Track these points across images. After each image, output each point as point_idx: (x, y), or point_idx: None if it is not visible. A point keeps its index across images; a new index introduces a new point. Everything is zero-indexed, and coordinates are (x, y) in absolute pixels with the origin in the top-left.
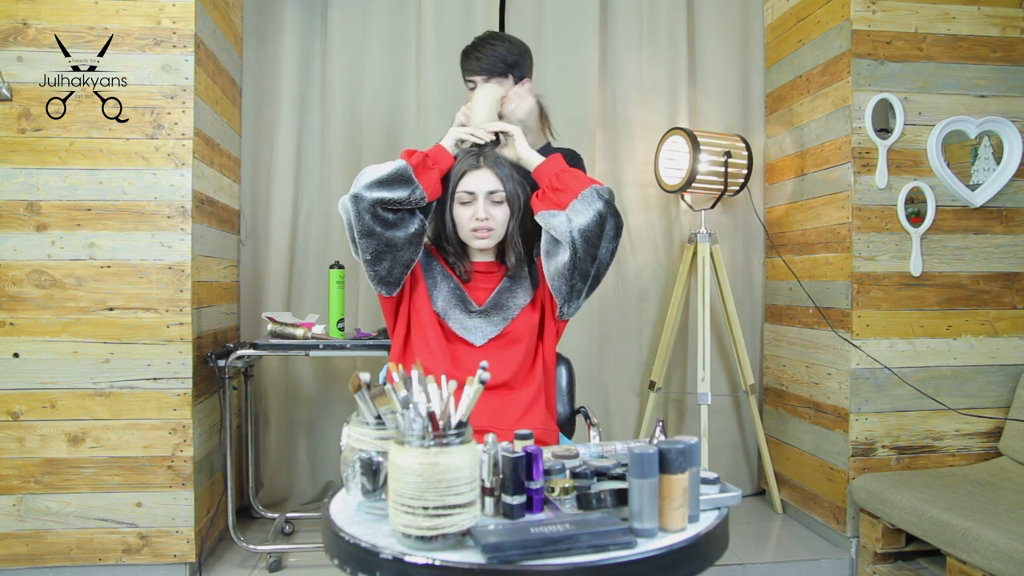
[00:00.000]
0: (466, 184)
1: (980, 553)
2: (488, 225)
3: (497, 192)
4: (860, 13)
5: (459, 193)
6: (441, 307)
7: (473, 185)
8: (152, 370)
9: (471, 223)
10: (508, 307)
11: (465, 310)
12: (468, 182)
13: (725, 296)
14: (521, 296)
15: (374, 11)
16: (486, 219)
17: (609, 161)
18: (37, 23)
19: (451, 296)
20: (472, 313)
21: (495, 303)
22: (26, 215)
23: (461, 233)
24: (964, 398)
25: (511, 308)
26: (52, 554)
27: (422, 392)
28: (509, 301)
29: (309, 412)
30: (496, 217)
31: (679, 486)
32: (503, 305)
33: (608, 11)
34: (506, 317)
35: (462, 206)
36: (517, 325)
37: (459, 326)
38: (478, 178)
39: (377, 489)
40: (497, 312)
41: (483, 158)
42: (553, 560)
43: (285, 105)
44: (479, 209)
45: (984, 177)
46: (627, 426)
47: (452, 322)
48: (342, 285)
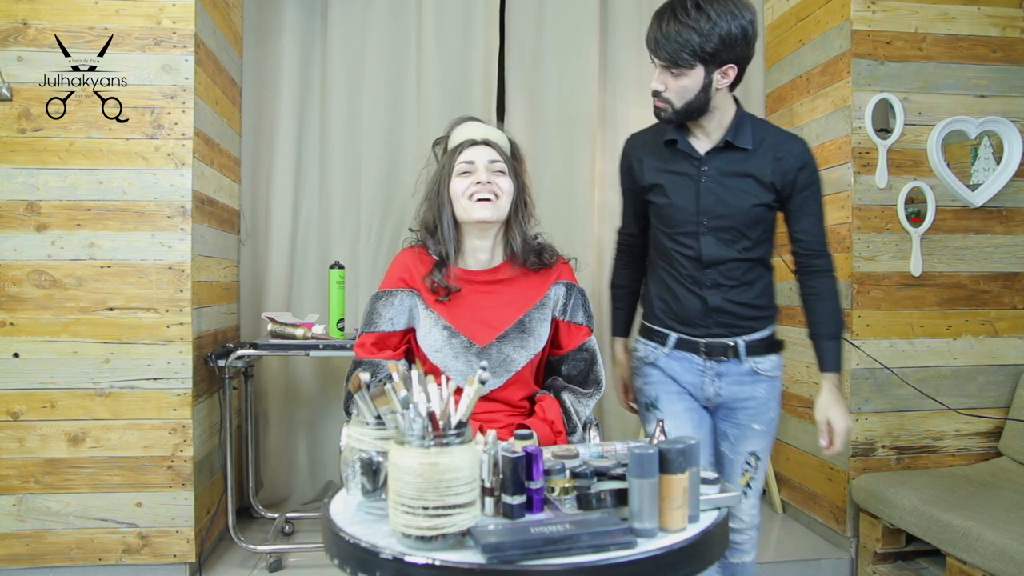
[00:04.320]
0: (466, 156)
1: (980, 553)
2: (491, 189)
3: (498, 162)
4: (860, 13)
5: (458, 164)
6: (439, 359)
7: (473, 155)
8: (152, 370)
9: (471, 188)
10: (513, 360)
11: (465, 359)
12: (468, 154)
13: None
14: (530, 344)
15: (374, 11)
16: (488, 182)
17: (609, 161)
18: (37, 23)
19: (445, 345)
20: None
21: (498, 352)
22: (26, 215)
23: (459, 207)
24: (964, 398)
25: (516, 361)
26: (52, 554)
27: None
28: (515, 353)
29: (309, 412)
30: (500, 184)
31: (679, 486)
32: (508, 359)
33: (608, 11)
34: (509, 370)
35: (460, 177)
36: (522, 375)
37: (461, 378)
38: (478, 151)
39: (377, 489)
40: (501, 366)
41: (483, 140)
42: (553, 560)
43: (285, 105)
44: (480, 173)
45: (984, 177)
46: (627, 426)
47: (453, 374)
48: (342, 285)
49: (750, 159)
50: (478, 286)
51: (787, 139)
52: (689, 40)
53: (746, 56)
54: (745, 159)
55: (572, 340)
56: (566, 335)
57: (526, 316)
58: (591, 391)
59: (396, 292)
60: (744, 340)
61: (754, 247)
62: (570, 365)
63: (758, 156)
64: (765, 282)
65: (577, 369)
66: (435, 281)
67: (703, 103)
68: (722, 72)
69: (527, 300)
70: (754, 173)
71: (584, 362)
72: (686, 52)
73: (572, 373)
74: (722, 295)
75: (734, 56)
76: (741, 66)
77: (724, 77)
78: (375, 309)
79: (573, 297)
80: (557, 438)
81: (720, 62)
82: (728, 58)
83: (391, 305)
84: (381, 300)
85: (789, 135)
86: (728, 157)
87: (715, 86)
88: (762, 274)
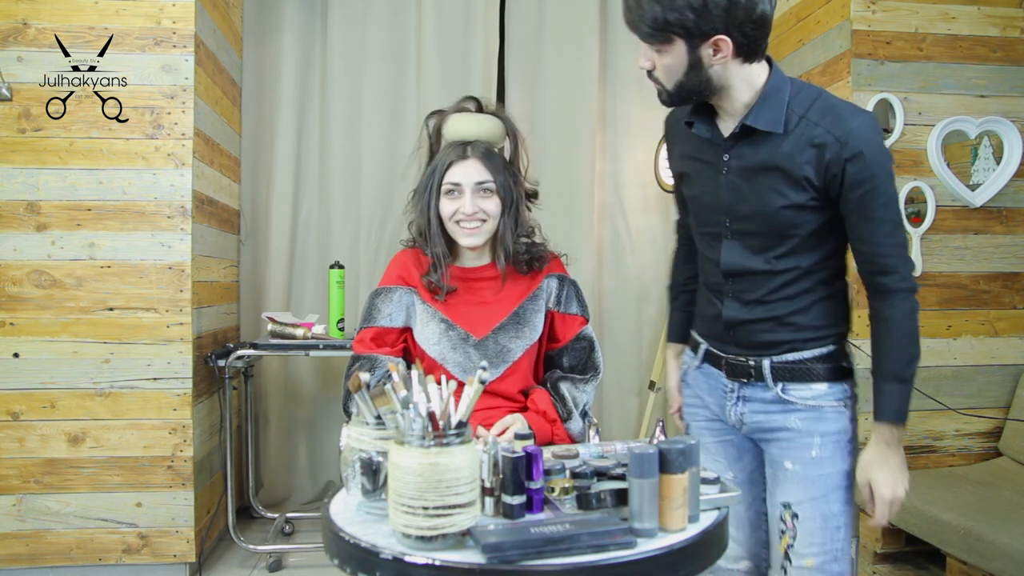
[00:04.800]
0: (452, 175)
1: (980, 553)
2: (477, 218)
3: (487, 183)
4: (860, 13)
5: (444, 184)
6: (437, 352)
7: (459, 176)
8: (152, 370)
9: (457, 215)
10: (509, 350)
11: (463, 350)
12: (454, 173)
13: None
14: (526, 334)
15: (374, 11)
16: (474, 212)
17: (609, 161)
18: (37, 23)
19: (442, 337)
20: (469, 351)
21: (495, 343)
22: (26, 215)
23: (448, 228)
24: (964, 398)
25: (513, 351)
26: (52, 554)
27: (422, 392)
28: (512, 344)
29: (309, 412)
30: (486, 210)
31: (679, 486)
32: (505, 349)
33: (608, 11)
34: (507, 360)
35: (447, 197)
36: (519, 367)
37: (459, 370)
38: (465, 169)
39: (377, 489)
40: (498, 356)
41: (471, 147)
42: (553, 560)
43: (285, 105)
44: (466, 203)
45: (984, 177)
46: (627, 426)
47: (451, 366)
48: (342, 285)
49: (780, 146)
50: (472, 282)
51: (835, 118)
52: (651, 10)
53: (740, 23)
54: (773, 146)
55: (568, 330)
56: (561, 326)
57: (520, 308)
58: (589, 376)
59: (395, 289)
60: (770, 361)
61: (791, 256)
62: (571, 356)
63: (791, 141)
64: (816, 297)
65: (578, 358)
66: (432, 281)
67: (700, 83)
68: (712, 45)
69: (520, 293)
70: (782, 165)
71: (583, 351)
72: (648, 25)
73: (573, 363)
74: (744, 310)
75: (721, 25)
76: (740, 36)
77: (718, 51)
78: (374, 305)
79: (566, 288)
80: (553, 427)
81: (703, 34)
82: (711, 28)
83: (390, 301)
84: (380, 296)
85: (841, 111)
86: (752, 145)
87: (708, 63)
88: (811, 288)
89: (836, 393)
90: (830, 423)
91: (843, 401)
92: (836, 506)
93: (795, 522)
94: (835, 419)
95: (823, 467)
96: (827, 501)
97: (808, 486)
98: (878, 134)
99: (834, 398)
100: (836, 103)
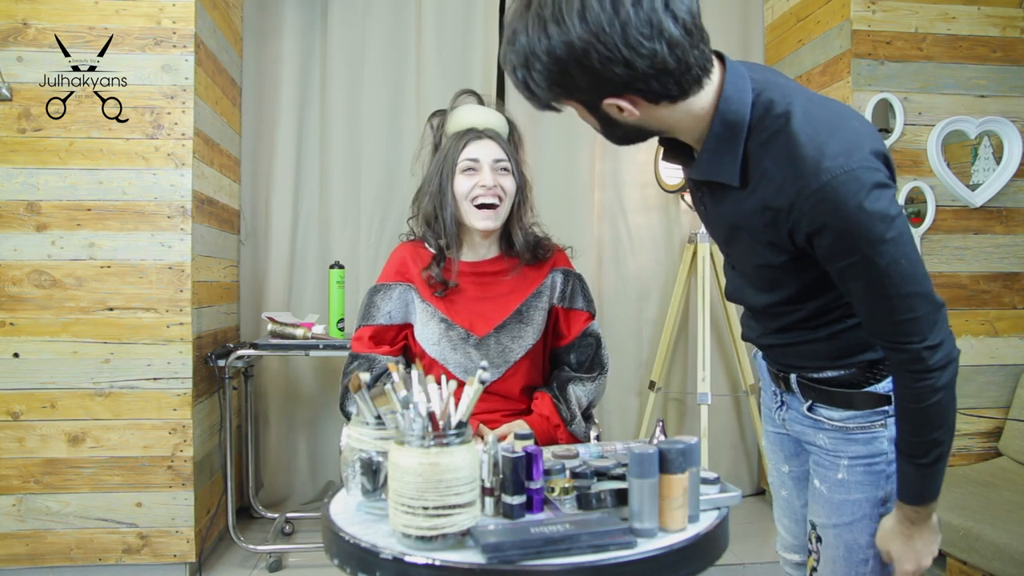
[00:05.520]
0: (470, 152)
1: (980, 553)
2: (496, 193)
3: (503, 161)
4: (860, 13)
5: (461, 161)
6: (438, 352)
7: (478, 152)
8: (152, 370)
9: (475, 191)
10: (511, 350)
11: (463, 351)
12: (472, 150)
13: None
14: (528, 333)
15: (374, 11)
16: (494, 186)
17: (609, 161)
18: (37, 23)
19: (443, 337)
20: (470, 351)
21: (496, 343)
22: (26, 215)
23: (462, 209)
24: (964, 398)
25: (514, 351)
26: (52, 554)
27: (422, 392)
28: (513, 343)
29: (309, 412)
30: (504, 186)
31: (679, 486)
32: (506, 349)
33: None
34: (508, 360)
35: (464, 175)
36: (520, 366)
37: (460, 370)
38: (482, 146)
39: (377, 489)
40: (499, 356)
41: (484, 130)
42: (553, 560)
43: (285, 105)
44: (486, 176)
45: (984, 177)
46: (627, 426)
47: (452, 366)
48: (342, 285)
49: (742, 202)
50: (475, 278)
51: (793, 172)
52: (524, 89)
53: (627, 82)
54: (736, 201)
55: (574, 327)
56: (566, 322)
57: (523, 305)
58: (595, 374)
59: (394, 286)
60: (796, 376)
61: (796, 301)
62: (578, 353)
63: (752, 199)
64: (835, 329)
65: (586, 355)
66: (432, 276)
67: (629, 131)
68: (611, 107)
69: (524, 289)
70: (744, 227)
71: (590, 347)
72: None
73: (581, 360)
74: (761, 333)
75: (606, 92)
76: (643, 89)
77: (622, 110)
78: (372, 302)
79: (571, 283)
80: (556, 431)
81: (591, 101)
82: (594, 97)
83: (389, 298)
84: (379, 293)
85: (804, 160)
86: (714, 195)
87: (620, 119)
88: (828, 322)
89: (868, 415)
90: (861, 446)
91: (878, 423)
92: (863, 537)
93: (819, 546)
94: (867, 442)
95: (850, 492)
96: (852, 530)
97: (832, 510)
98: (858, 189)
99: (866, 419)
100: (800, 144)
